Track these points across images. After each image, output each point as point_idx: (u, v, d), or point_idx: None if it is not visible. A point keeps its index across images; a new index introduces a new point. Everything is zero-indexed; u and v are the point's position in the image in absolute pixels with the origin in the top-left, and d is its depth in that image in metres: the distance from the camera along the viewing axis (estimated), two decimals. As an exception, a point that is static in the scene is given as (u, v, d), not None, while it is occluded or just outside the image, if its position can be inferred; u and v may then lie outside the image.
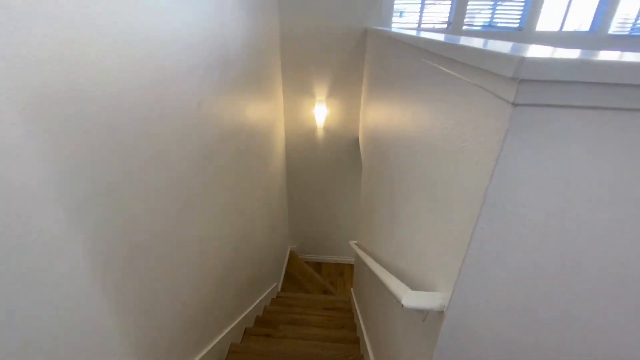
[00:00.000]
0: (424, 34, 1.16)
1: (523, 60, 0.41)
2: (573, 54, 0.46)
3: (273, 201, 3.15)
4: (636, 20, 3.58)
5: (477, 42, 0.65)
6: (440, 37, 0.92)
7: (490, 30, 3.63)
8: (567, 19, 3.57)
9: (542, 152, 0.47)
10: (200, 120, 1.39)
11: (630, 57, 0.43)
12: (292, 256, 4.23)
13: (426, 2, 3.59)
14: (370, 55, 2.81)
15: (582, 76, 0.41)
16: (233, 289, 2.14)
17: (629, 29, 3.61)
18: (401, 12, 3.70)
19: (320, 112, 3.37)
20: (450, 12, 3.58)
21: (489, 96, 0.52)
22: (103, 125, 0.78)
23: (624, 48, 3.61)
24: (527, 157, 0.48)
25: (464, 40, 0.73)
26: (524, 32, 3.55)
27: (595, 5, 3.51)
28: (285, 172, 3.77)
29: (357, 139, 3.48)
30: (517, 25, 3.60)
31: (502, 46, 0.58)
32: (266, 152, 2.73)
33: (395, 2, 3.55)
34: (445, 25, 3.63)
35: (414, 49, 1.09)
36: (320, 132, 3.55)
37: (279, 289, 3.70)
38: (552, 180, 0.49)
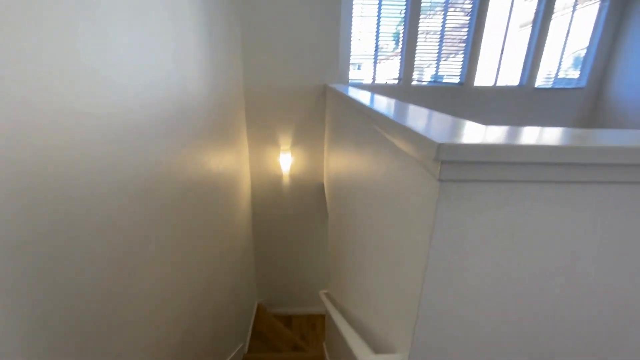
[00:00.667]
0: (373, 100, 1.28)
1: (441, 145, 0.47)
2: (485, 136, 0.53)
3: (238, 253, 3.03)
4: (557, 74, 4.19)
5: (411, 118, 0.73)
6: (383, 104, 1.02)
7: (435, 85, 4.06)
8: (499, 75, 4.10)
9: (469, 220, 0.52)
10: (161, 177, 1.36)
11: (522, 138, 0.50)
12: (260, 310, 3.99)
13: (379, 57, 3.98)
14: (329, 108, 2.99)
15: (488, 157, 0.47)
16: (192, 357, 1.95)
17: (551, 82, 4.21)
18: (359, 65, 4.05)
19: (286, 161, 3.44)
20: (400, 69, 3.99)
21: (422, 169, 0.58)
22: (51, 196, 0.75)
23: (547, 99, 4.18)
24: (458, 224, 0.53)
25: (402, 113, 0.82)
26: (464, 86, 4.02)
27: (522, 63, 4.10)
28: (252, 221, 3.70)
29: (323, 185, 3.56)
30: (458, 80, 4.07)
31: (432, 125, 0.65)
32: (231, 203, 2.69)
33: (353, 57, 3.91)
34: (396, 81, 4.02)
35: (362, 112, 1.19)
36: (286, 180, 3.59)
37: (246, 350, 3.42)
38: (482, 243, 0.54)
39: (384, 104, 1.07)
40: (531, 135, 0.55)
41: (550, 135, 0.54)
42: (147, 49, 1.23)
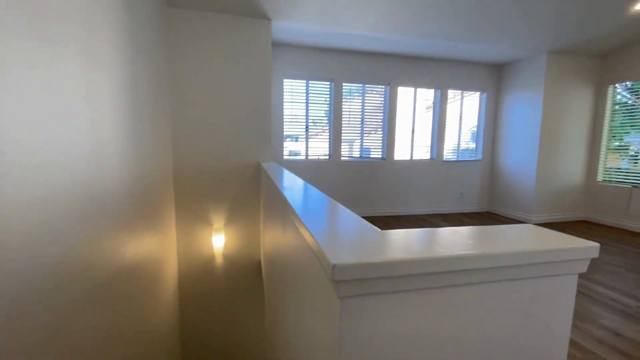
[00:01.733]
0: (292, 190, 1.34)
1: (335, 266, 0.50)
2: (367, 255, 0.57)
3: (162, 348, 2.58)
4: (458, 149, 4.96)
5: (316, 231, 0.77)
6: (298, 200, 1.08)
7: (362, 160, 4.47)
8: (414, 150, 4.72)
9: (367, 328, 0.54)
10: (69, 271, 1.16)
11: (394, 255, 0.56)
12: None
13: (310, 135, 4.31)
14: (263, 185, 3.04)
15: (370, 274, 0.51)
16: None
17: (456, 156, 4.95)
18: (296, 137, 4.31)
19: (219, 240, 3.27)
20: (329, 146, 4.35)
21: (327, 281, 0.59)
22: None
23: (455, 169, 4.87)
24: (359, 333, 0.54)
25: (311, 212, 0.87)
26: (386, 161, 4.52)
27: (430, 141, 4.80)
28: (179, 307, 3.27)
29: (260, 262, 3.40)
30: (381, 155, 4.56)
31: (338, 241, 0.69)
32: (151, 291, 2.37)
33: (287, 134, 4.17)
34: (327, 157, 4.34)
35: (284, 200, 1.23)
36: (219, 260, 3.36)
37: None
38: (383, 347, 0.55)
39: (299, 195, 1.13)
40: (405, 247, 0.61)
41: (414, 246, 0.61)
42: (56, 130, 1.15)
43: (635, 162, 4.07)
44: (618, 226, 4.13)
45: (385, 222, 4.25)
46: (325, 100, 4.31)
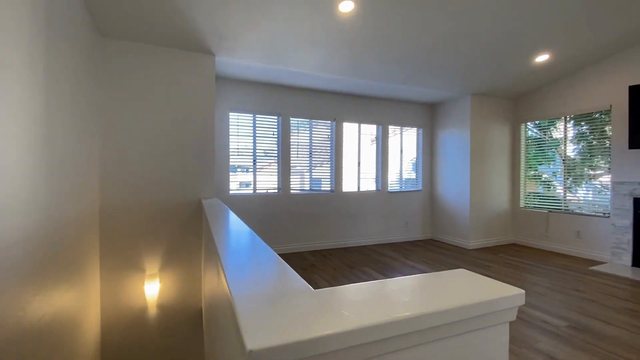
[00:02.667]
0: (226, 242, 1.24)
1: (251, 352, 0.43)
2: (284, 334, 0.50)
3: None
4: (401, 180, 5.23)
5: (240, 296, 0.68)
6: (229, 247, 0.99)
7: (312, 193, 4.47)
8: (361, 182, 4.87)
9: None
10: None
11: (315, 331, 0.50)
12: None
13: (257, 168, 4.21)
14: (204, 223, 2.83)
15: (296, 354, 0.45)
16: None
17: (400, 187, 5.20)
18: (247, 169, 4.16)
19: (152, 288, 2.91)
20: (278, 179, 4.29)
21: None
22: None
23: (399, 199, 5.11)
24: None
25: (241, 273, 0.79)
26: (335, 193, 4.59)
27: (374, 174, 5.01)
28: (102, 376, 2.77)
29: (202, 310, 3.08)
30: (329, 188, 4.62)
31: (262, 310, 0.62)
32: (64, 355, 1.97)
33: (233, 168, 4.02)
34: (276, 190, 4.27)
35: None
36: (153, 310, 2.98)
37: None
38: None
39: (233, 241, 1.04)
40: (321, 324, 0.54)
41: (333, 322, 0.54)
42: None
43: (548, 189, 4.65)
44: (541, 247, 4.59)
45: (337, 254, 4.22)
46: (274, 134, 4.31)
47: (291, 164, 4.36)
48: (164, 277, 3.00)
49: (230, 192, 4.02)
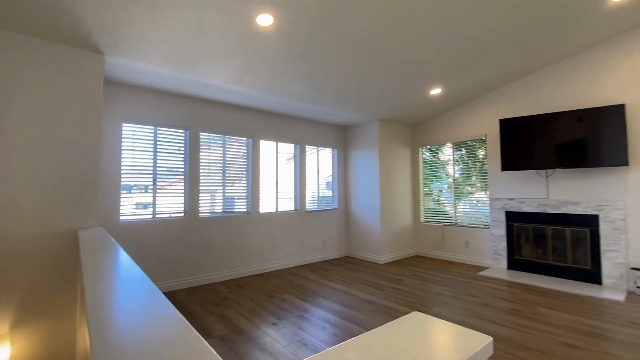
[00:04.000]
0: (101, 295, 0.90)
1: None
2: None
3: None
4: (318, 198, 5.25)
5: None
6: (107, 305, 0.70)
7: (226, 215, 4.07)
8: (279, 202, 4.69)
9: None
10: None
11: None
12: None
13: (160, 186, 3.63)
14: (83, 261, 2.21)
15: None
16: None
17: (317, 205, 5.21)
18: (145, 188, 3.48)
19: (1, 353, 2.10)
20: (184, 201, 3.77)
21: None
22: None
23: (317, 218, 5.11)
24: None
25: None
26: (252, 214, 4.29)
27: (292, 193, 4.90)
28: None
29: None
30: (245, 210, 4.30)
31: None
32: None
33: (131, 183, 3.34)
34: (182, 214, 3.74)
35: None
36: (-4, 389, 2.14)
37: None
38: None
39: (113, 294, 0.74)
40: None
41: None
42: None
43: (439, 204, 5.30)
44: (439, 257, 5.15)
45: (254, 282, 3.88)
46: (180, 150, 3.81)
47: (201, 183, 3.91)
48: (18, 338, 2.22)
49: (122, 217, 3.33)
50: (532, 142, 3.93)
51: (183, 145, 3.83)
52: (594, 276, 3.62)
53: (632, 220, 3.40)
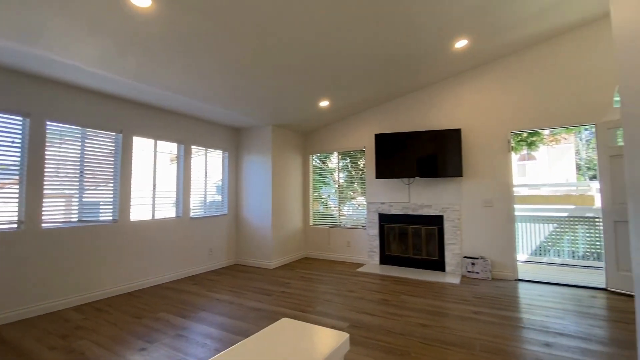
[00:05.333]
0: None
1: None
2: None
3: None
4: (205, 204, 4.89)
5: None
6: None
7: (82, 225, 3.34)
8: (156, 208, 4.14)
9: None
10: None
11: None
12: None
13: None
14: None
15: None
16: None
17: (204, 212, 4.83)
18: None
19: None
20: (19, 209, 2.92)
21: None
22: None
23: (203, 225, 4.75)
24: None
25: None
26: (120, 223, 3.65)
27: (174, 198, 4.42)
28: None
29: None
30: (111, 218, 3.62)
31: None
32: None
33: None
34: (14, 226, 2.87)
35: None
36: None
37: None
38: None
39: None
40: None
41: None
42: None
43: (327, 208, 5.70)
44: (325, 258, 5.49)
45: (119, 303, 3.30)
46: (14, 142, 2.95)
47: (47, 186, 3.11)
48: None
49: None
50: (399, 155, 4.63)
51: (20, 135, 2.98)
52: (440, 265, 4.50)
53: (465, 219, 4.38)
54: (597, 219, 4.91)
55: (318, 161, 5.87)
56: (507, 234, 4.10)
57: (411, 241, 4.74)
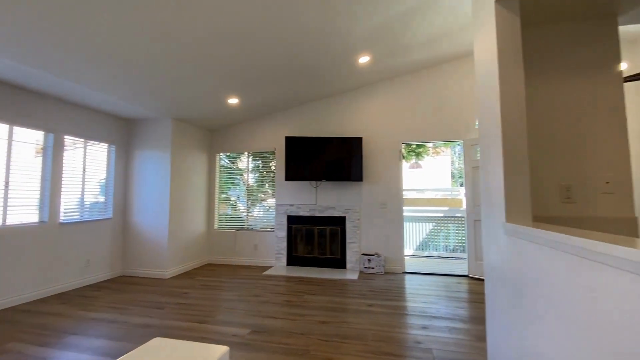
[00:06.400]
0: None
1: None
2: None
3: None
4: (83, 207, 4.09)
5: None
6: None
7: None
8: (9, 212, 3.28)
9: None
10: None
11: None
12: None
13: None
14: None
15: None
16: None
17: (80, 216, 4.03)
18: None
19: None
20: None
21: None
22: None
23: (77, 232, 3.97)
24: None
25: None
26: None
27: (38, 199, 3.58)
28: None
29: None
30: None
31: None
32: None
33: None
34: None
35: None
36: None
37: None
38: None
39: None
40: None
41: None
42: None
43: (236, 209, 5.47)
44: (231, 263, 5.25)
45: (-60, 338, 2.47)
46: None
47: None
48: None
49: None
50: (309, 158, 4.77)
51: None
52: (342, 263, 4.79)
53: (363, 220, 4.77)
54: (463, 219, 5.99)
55: (227, 161, 5.59)
56: (397, 232, 4.64)
57: (317, 241, 4.92)
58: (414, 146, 9.78)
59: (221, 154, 5.56)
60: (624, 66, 3.70)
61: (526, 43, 1.92)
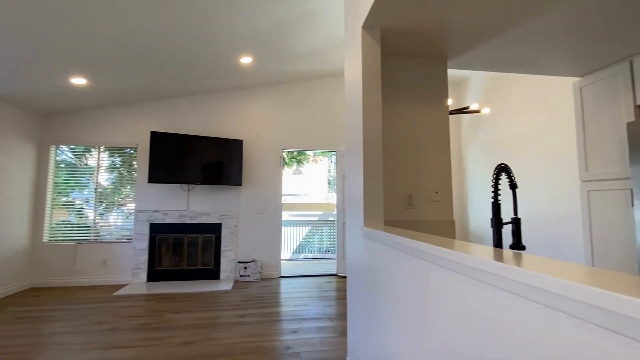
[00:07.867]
0: None
1: None
2: None
3: None
4: None
5: None
6: None
7: None
8: None
9: None
10: None
11: None
12: None
13: None
14: None
15: None
16: None
17: None
18: None
19: None
20: None
21: None
22: None
23: None
24: None
25: None
26: None
27: None
28: None
29: None
30: None
31: None
32: None
33: None
34: None
35: None
36: None
37: None
38: None
39: None
40: None
41: None
42: None
43: (81, 216, 4.39)
44: (66, 285, 4.15)
45: None
46: None
47: None
48: None
49: None
50: (181, 158, 4.26)
51: None
52: (215, 273, 4.46)
53: (241, 226, 4.59)
54: (334, 222, 6.53)
55: (71, 155, 4.43)
56: (275, 237, 4.66)
57: (186, 252, 4.43)
58: (295, 153, 10.16)
59: (61, 146, 4.38)
60: (450, 102, 4.81)
61: (386, 71, 2.22)
